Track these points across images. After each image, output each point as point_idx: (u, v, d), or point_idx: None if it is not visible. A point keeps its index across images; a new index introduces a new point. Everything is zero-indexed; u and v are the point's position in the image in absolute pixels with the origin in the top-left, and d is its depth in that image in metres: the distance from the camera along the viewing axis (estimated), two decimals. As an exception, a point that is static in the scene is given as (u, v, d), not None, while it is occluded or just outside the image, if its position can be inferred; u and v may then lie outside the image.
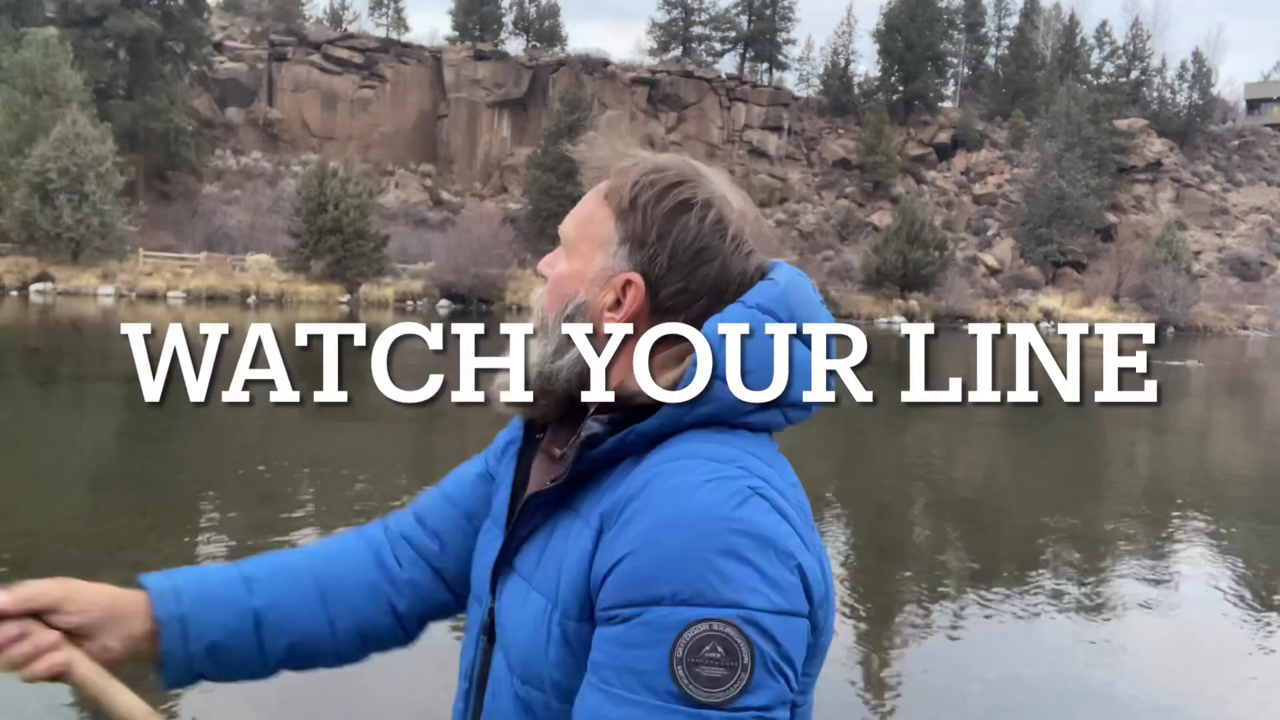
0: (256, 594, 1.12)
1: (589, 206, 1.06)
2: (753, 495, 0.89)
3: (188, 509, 7.31)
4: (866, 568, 6.74)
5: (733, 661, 0.83)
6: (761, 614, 0.84)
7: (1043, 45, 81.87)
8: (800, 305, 1.00)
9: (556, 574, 0.94)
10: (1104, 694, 4.67)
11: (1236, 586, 6.73)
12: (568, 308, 1.03)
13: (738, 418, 0.96)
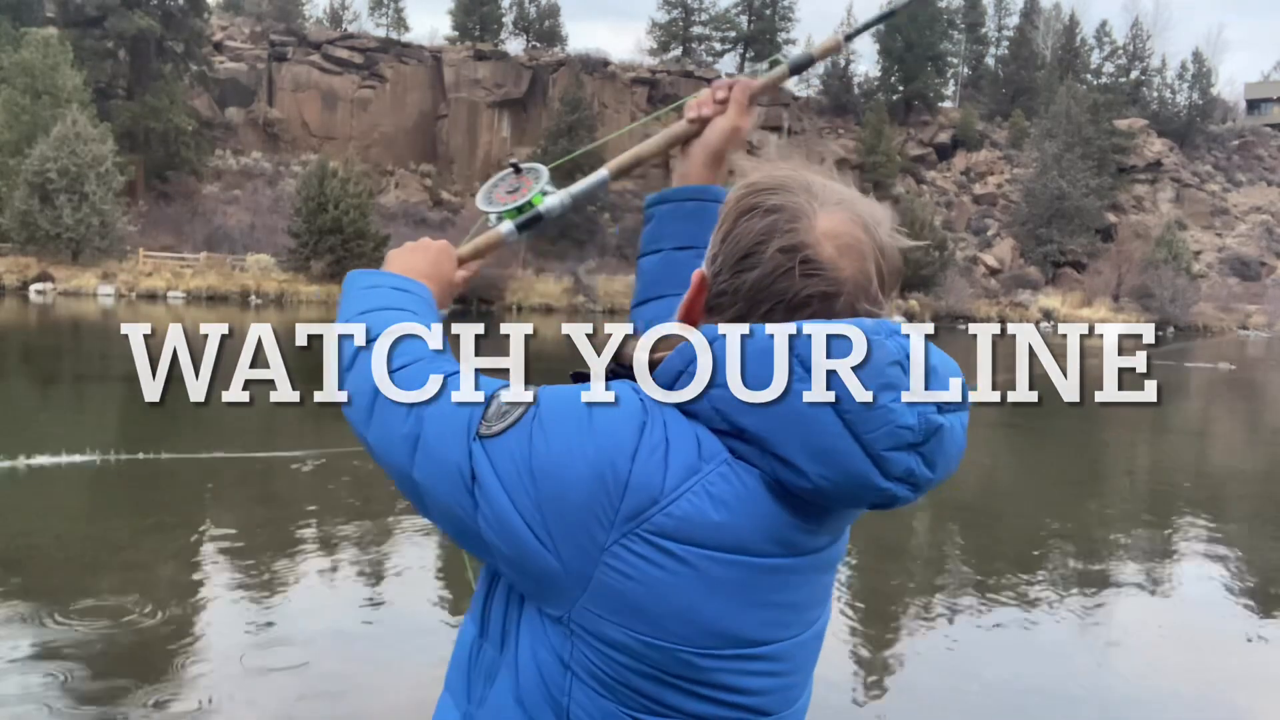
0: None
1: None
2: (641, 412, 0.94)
3: (188, 509, 7.31)
4: (866, 568, 6.74)
5: (503, 415, 0.97)
6: (542, 413, 0.96)
7: (1043, 45, 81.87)
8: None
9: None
10: (1104, 694, 4.67)
11: (1236, 586, 6.73)
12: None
13: (711, 428, 0.94)
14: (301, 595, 5.50)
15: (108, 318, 28.36)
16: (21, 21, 45.77)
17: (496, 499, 0.93)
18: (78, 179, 36.90)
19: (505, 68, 64.83)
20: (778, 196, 0.98)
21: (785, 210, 0.97)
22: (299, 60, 61.24)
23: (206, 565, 6.02)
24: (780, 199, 0.98)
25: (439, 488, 0.98)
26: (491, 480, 0.93)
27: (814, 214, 0.97)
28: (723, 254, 1.00)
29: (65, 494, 7.59)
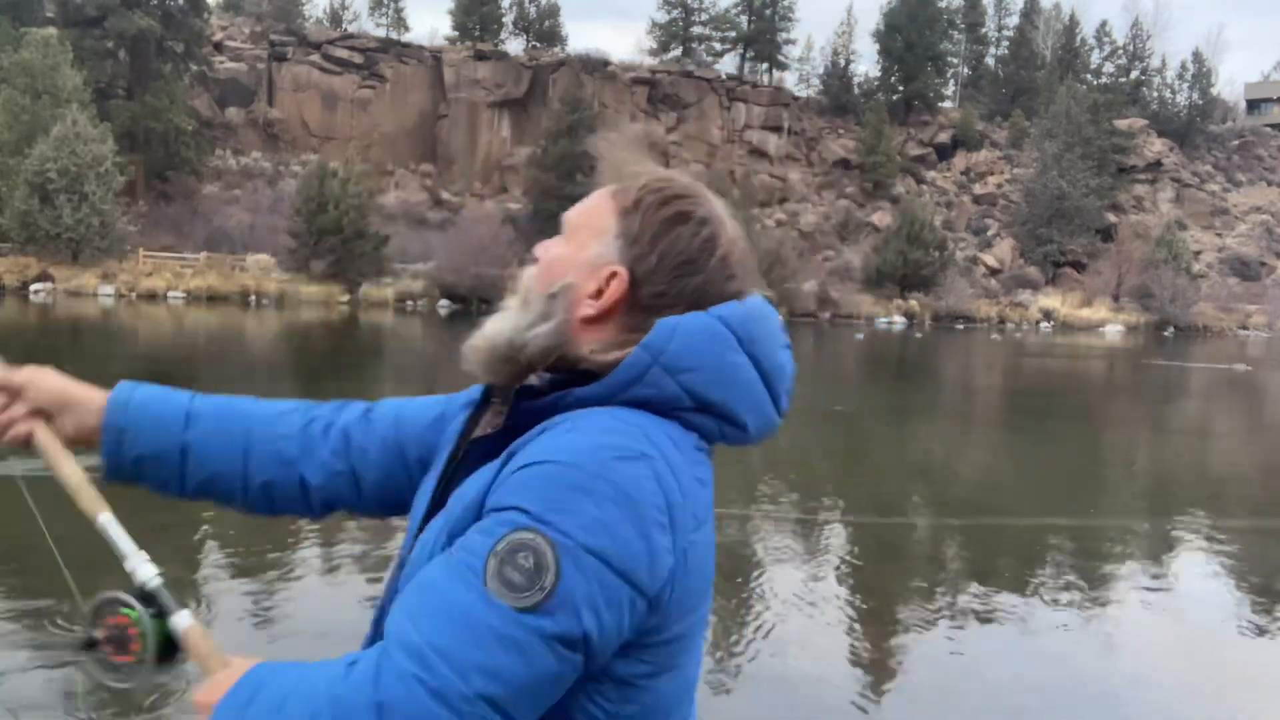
0: (191, 429, 1.26)
1: (595, 199, 1.14)
2: (641, 458, 0.95)
3: (187, 509, 7.31)
4: (866, 568, 6.74)
5: (537, 577, 0.89)
6: (587, 555, 0.90)
7: (1043, 45, 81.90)
8: (760, 333, 1.08)
9: (458, 501, 1.01)
10: (1104, 694, 4.67)
11: (1238, 586, 6.73)
12: (554, 285, 1.10)
13: (670, 410, 1.02)
14: (303, 594, 5.50)
15: (108, 318, 28.37)
16: (21, 21, 45.78)
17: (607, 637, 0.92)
18: (78, 179, 36.90)
19: (505, 68, 64.84)
20: (701, 207, 1.10)
21: (712, 221, 1.10)
22: (299, 60, 61.26)
23: (207, 565, 6.02)
24: (704, 210, 1.10)
25: (538, 697, 0.91)
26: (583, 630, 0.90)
27: (724, 221, 1.12)
28: (657, 258, 1.07)
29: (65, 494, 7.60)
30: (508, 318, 1.12)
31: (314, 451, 1.29)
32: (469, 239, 43.57)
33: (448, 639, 0.88)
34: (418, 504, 1.17)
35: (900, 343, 38.00)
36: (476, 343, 1.13)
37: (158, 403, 1.27)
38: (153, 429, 1.25)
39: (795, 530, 7.50)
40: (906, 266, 52.90)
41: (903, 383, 23.08)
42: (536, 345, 1.08)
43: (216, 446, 1.27)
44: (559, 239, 1.15)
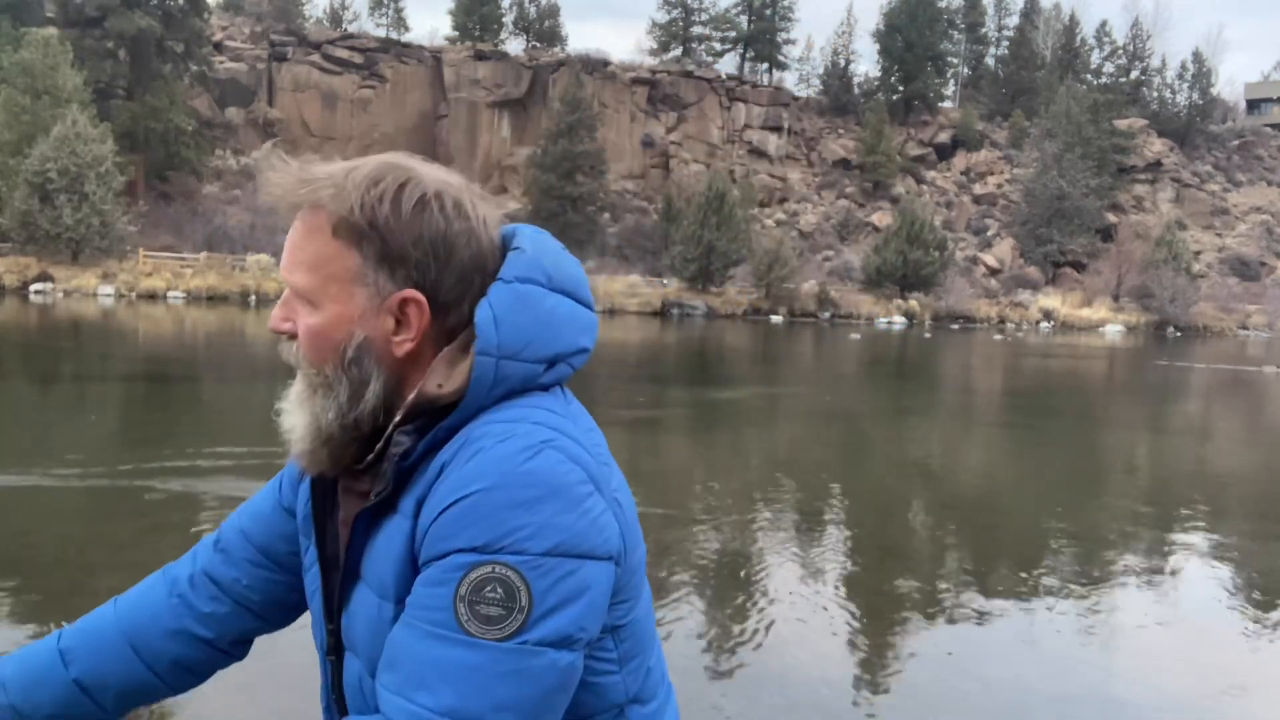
0: (72, 665, 1.21)
1: (314, 247, 1.05)
2: (544, 448, 0.96)
3: (188, 509, 7.31)
4: (866, 568, 6.74)
5: (510, 603, 0.91)
6: (545, 559, 0.92)
7: (1043, 45, 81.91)
8: (552, 265, 1.07)
9: (384, 569, 1.01)
10: (1104, 694, 4.67)
11: (1239, 586, 6.73)
12: (347, 353, 1.03)
13: (530, 385, 1.03)
14: (301, 595, 5.50)
15: (108, 318, 28.36)
16: (21, 21, 45.79)
17: (595, 616, 0.97)
18: (78, 179, 36.90)
19: (505, 68, 64.85)
20: (418, 182, 1.05)
21: (439, 188, 1.05)
22: (299, 60, 61.27)
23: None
24: (422, 183, 1.05)
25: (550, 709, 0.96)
26: (573, 625, 0.95)
27: (441, 178, 1.08)
28: (431, 259, 1.02)
29: (65, 494, 7.60)
30: (314, 408, 1.06)
31: (193, 607, 1.26)
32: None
33: (451, 698, 0.89)
34: (313, 590, 1.16)
35: (908, 343, 38.00)
36: (307, 447, 1.07)
37: (28, 664, 1.22)
38: (38, 689, 1.20)
39: (795, 530, 7.50)
40: (906, 266, 52.90)
41: (916, 383, 23.08)
42: (372, 408, 1.04)
43: (106, 664, 1.22)
44: (291, 306, 1.07)
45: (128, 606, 1.28)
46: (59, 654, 1.22)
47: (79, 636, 1.24)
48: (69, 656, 1.22)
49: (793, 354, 30.10)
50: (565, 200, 53.41)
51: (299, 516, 1.20)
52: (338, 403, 1.04)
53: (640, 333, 34.74)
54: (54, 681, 1.20)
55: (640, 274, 51.46)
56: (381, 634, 0.99)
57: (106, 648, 1.23)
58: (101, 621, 1.26)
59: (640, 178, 65.83)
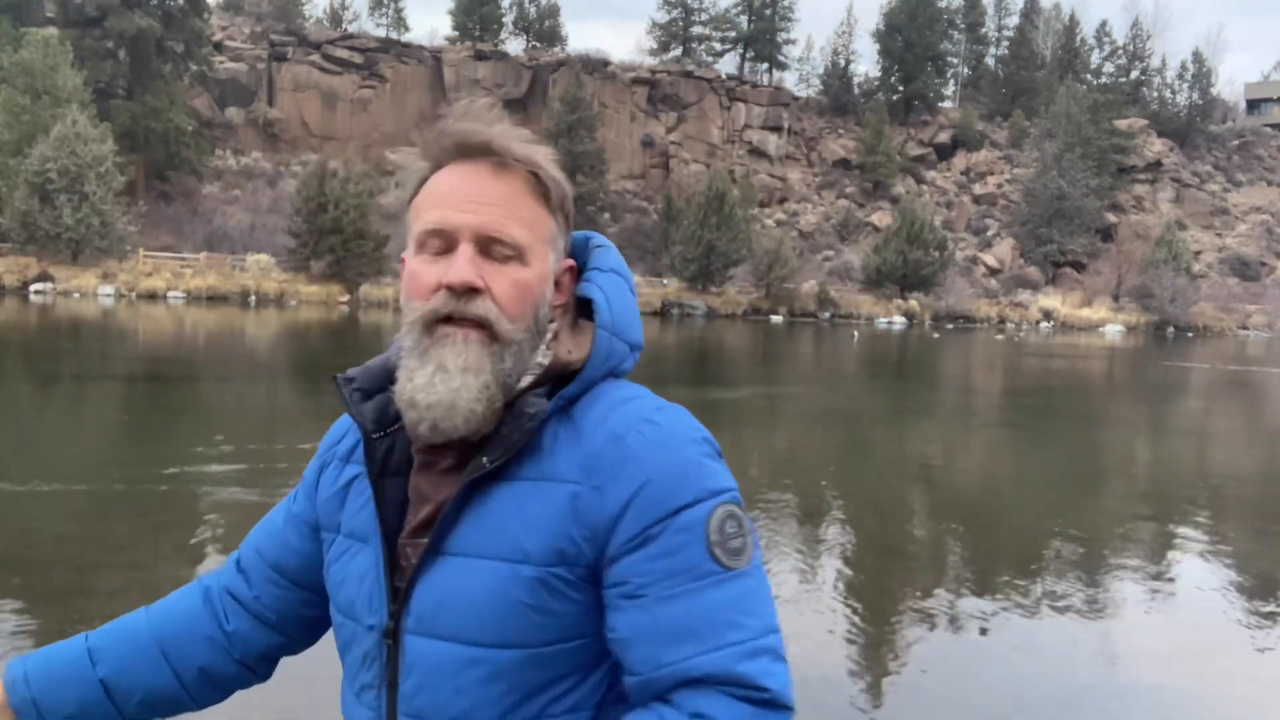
0: (100, 665, 1.20)
1: (528, 206, 1.07)
2: (685, 413, 1.09)
3: (188, 509, 7.31)
4: (866, 568, 6.74)
5: (742, 530, 1.02)
6: (736, 491, 1.04)
7: (1043, 45, 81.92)
8: (625, 267, 1.17)
9: (519, 538, 1.02)
10: (1104, 695, 4.67)
11: (1239, 586, 6.73)
12: (541, 308, 1.09)
13: (620, 369, 1.11)
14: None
15: (108, 318, 28.36)
16: (21, 21, 45.81)
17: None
18: (78, 179, 36.92)
19: (505, 68, 64.86)
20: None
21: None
22: (299, 60, 61.28)
23: (207, 565, 6.01)
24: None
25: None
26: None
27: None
28: (568, 226, 1.13)
29: (65, 494, 7.60)
30: (496, 365, 1.06)
31: (220, 622, 1.25)
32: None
33: (759, 620, 1.00)
34: (357, 577, 1.12)
35: (912, 343, 37.98)
36: (466, 408, 1.04)
37: (54, 660, 1.21)
38: (63, 685, 1.19)
39: (795, 530, 7.50)
40: (906, 266, 52.91)
41: (919, 383, 23.07)
42: (536, 372, 1.08)
43: (134, 666, 1.21)
44: (498, 263, 1.06)
45: (160, 612, 1.27)
46: (87, 652, 1.21)
47: (109, 637, 1.23)
48: (97, 656, 1.21)
49: (793, 354, 30.10)
50: (565, 200, 53.33)
51: (322, 511, 1.20)
52: (521, 357, 1.07)
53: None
54: (79, 680, 1.19)
55: (640, 274, 51.48)
56: (507, 603, 1.01)
57: (136, 649, 1.22)
58: (133, 624, 1.25)
59: (640, 178, 65.84)
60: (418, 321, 1.07)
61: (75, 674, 1.20)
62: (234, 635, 1.25)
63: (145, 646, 1.22)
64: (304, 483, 1.25)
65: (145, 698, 1.21)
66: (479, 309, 1.04)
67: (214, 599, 1.27)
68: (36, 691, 1.18)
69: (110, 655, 1.21)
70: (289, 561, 1.24)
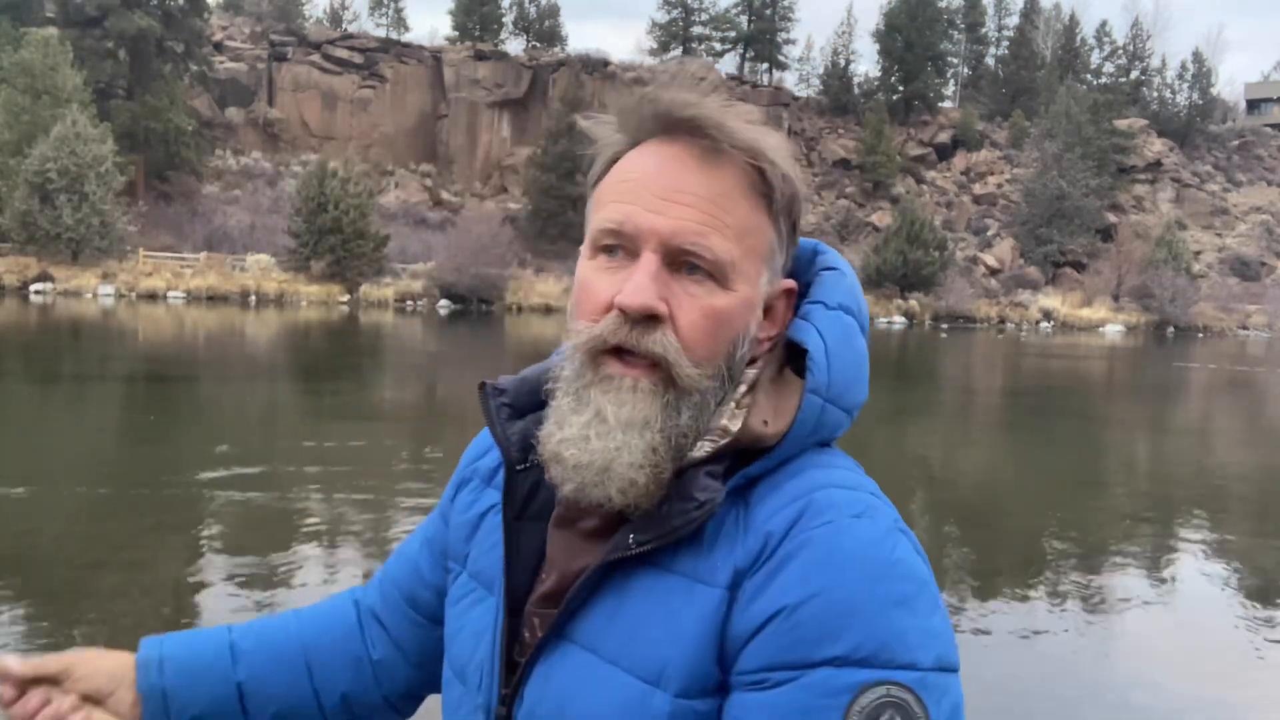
0: (241, 666, 1.06)
1: (742, 209, 0.82)
2: (899, 531, 0.79)
3: (188, 508, 7.31)
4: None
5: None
6: (933, 674, 0.74)
7: (1043, 45, 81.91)
8: (860, 295, 0.89)
9: (655, 647, 0.78)
10: (1104, 694, 4.67)
11: (1239, 586, 6.73)
12: (740, 346, 0.83)
13: (832, 435, 0.85)
14: (303, 594, 5.50)
15: (108, 318, 28.36)
16: (21, 21, 45.80)
17: None
18: (78, 179, 36.91)
19: (505, 68, 64.84)
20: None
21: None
22: (299, 60, 61.27)
23: (207, 565, 6.02)
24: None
25: None
26: None
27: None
28: (793, 237, 0.88)
29: (65, 494, 7.60)
30: (672, 421, 0.81)
31: (373, 644, 1.09)
32: (469, 239, 43.60)
33: None
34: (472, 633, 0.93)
35: (917, 343, 37.97)
36: (624, 475, 0.80)
37: (194, 650, 1.07)
38: (198, 681, 1.04)
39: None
40: (906, 266, 52.91)
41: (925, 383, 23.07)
42: (718, 439, 0.82)
43: (275, 675, 1.07)
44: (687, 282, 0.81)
45: (311, 620, 1.12)
46: (230, 648, 1.07)
47: (255, 638, 1.08)
48: (240, 655, 1.06)
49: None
50: (565, 200, 53.36)
51: (452, 536, 1.01)
52: (703, 412, 0.82)
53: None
54: (217, 678, 1.05)
55: (640, 274, 51.41)
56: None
57: (281, 657, 1.08)
58: (281, 627, 1.11)
59: (640, 178, 65.73)
60: (582, 349, 0.82)
61: (214, 671, 1.05)
62: (379, 665, 1.08)
63: (291, 656, 1.08)
64: (441, 501, 1.07)
65: (279, 711, 1.06)
66: (655, 343, 0.79)
67: (363, 620, 1.10)
68: (169, 681, 1.03)
69: (253, 658, 1.07)
70: (422, 595, 1.06)
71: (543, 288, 44.27)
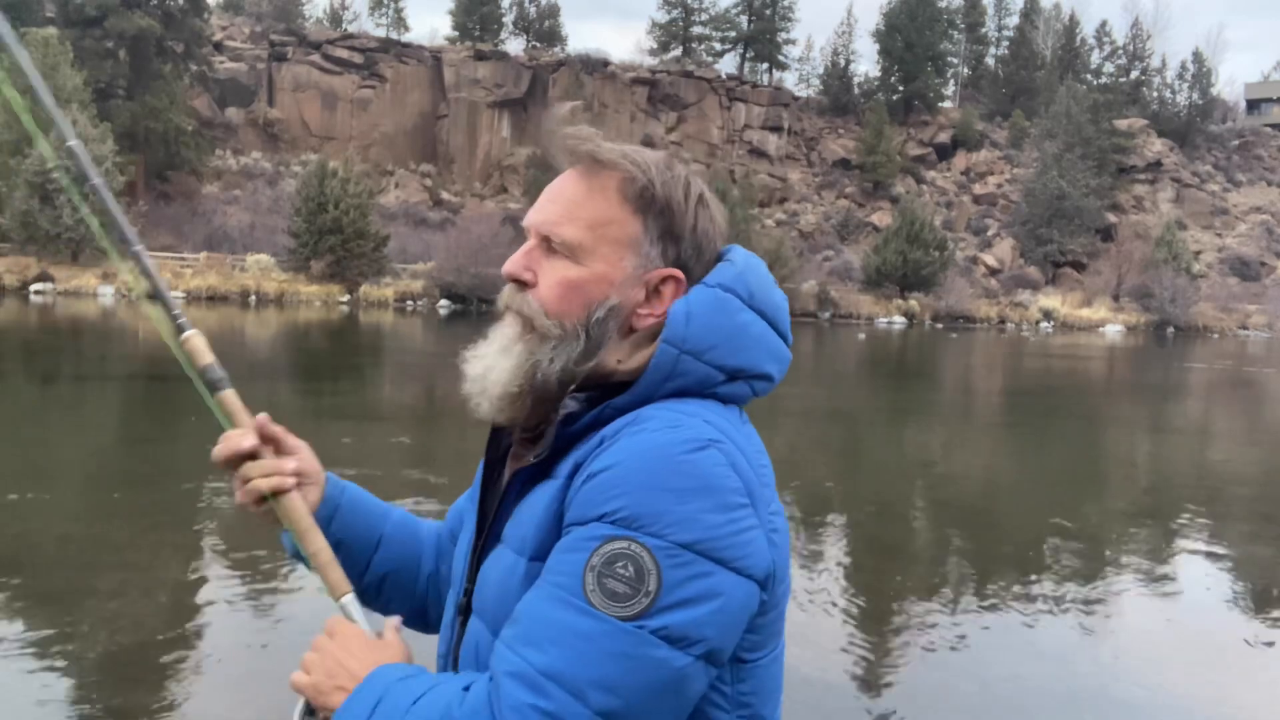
0: (388, 525, 1.31)
1: (598, 206, 1.07)
2: (709, 445, 0.96)
3: (187, 509, 7.31)
4: (866, 568, 6.74)
5: (638, 584, 0.89)
6: (683, 550, 0.90)
7: (1043, 45, 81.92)
8: (757, 285, 1.08)
9: (526, 528, 1.01)
10: (1104, 694, 4.67)
11: (1239, 585, 6.73)
12: (596, 311, 1.06)
13: (706, 389, 1.03)
14: (303, 594, 5.49)
15: (108, 318, 28.37)
16: (21, 21, 45.76)
17: (724, 629, 0.93)
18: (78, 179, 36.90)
19: (505, 68, 64.83)
20: (699, 183, 1.12)
21: (704, 186, 1.12)
22: (299, 60, 61.27)
23: (207, 565, 6.02)
24: (699, 182, 1.12)
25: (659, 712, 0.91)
26: (699, 627, 0.91)
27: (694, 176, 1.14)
28: (694, 249, 1.09)
29: (65, 495, 7.60)
30: (532, 355, 1.07)
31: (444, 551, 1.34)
32: (469, 239, 43.59)
33: (557, 661, 0.87)
34: (461, 550, 1.19)
35: (920, 343, 37.96)
36: (506, 391, 1.08)
37: (365, 496, 1.31)
38: (359, 516, 1.28)
39: (795, 529, 7.50)
40: (906, 266, 52.88)
41: (926, 382, 23.05)
42: (579, 373, 1.04)
43: (402, 538, 1.31)
44: (549, 255, 1.08)
45: (424, 526, 1.37)
46: (385, 510, 1.32)
47: (399, 515, 1.34)
48: (390, 520, 1.32)
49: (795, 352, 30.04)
50: (565, 200, 53.38)
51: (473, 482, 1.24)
52: (567, 355, 1.05)
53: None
54: (371, 521, 1.30)
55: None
56: (509, 593, 0.99)
57: (410, 535, 1.33)
58: (413, 521, 1.36)
59: (640, 178, 65.73)
60: (499, 306, 1.13)
61: (372, 516, 1.30)
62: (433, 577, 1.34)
63: (413, 538, 1.33)
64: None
65: (390, 570, 1.30)
66: (518, 302, 1.09)
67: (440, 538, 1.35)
68: (344, 502, 1.27)
69: (396, 525, 1.32)
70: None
71: (543, 287, 44.22)
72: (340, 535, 1.24)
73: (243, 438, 1.19)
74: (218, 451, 1.19)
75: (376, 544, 1.28)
